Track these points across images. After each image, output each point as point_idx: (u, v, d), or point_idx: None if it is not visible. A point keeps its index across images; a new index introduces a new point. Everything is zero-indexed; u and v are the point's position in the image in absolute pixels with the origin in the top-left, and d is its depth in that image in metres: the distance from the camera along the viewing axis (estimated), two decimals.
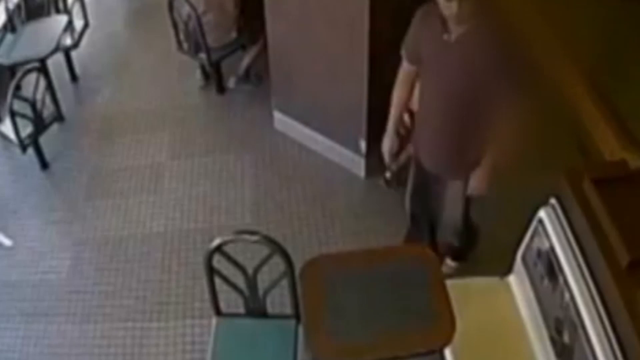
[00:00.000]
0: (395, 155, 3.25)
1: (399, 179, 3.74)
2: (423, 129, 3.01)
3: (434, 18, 2.63)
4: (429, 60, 2.77)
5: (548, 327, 2.63)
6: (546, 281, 2.63)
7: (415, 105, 3.09)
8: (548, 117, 4.25)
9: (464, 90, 2.67)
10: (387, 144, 3.12)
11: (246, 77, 4.91)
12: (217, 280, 2.79)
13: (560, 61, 4.49)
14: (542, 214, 2.64)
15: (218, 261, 2.74)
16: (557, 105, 4.33)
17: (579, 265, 2.41)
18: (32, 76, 4.31)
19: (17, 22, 5.03)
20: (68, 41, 5.05)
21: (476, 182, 2.92)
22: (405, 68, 2.95)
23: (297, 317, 2.85)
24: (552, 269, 2.56)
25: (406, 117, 3.33)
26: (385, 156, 3.18)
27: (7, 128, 4.28)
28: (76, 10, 5.16)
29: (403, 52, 2.91)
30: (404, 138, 3.24)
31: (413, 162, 3.23)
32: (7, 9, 4.95)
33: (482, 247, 3.49)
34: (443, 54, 2.67)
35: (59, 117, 4.68)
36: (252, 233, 2.77)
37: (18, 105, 4.21)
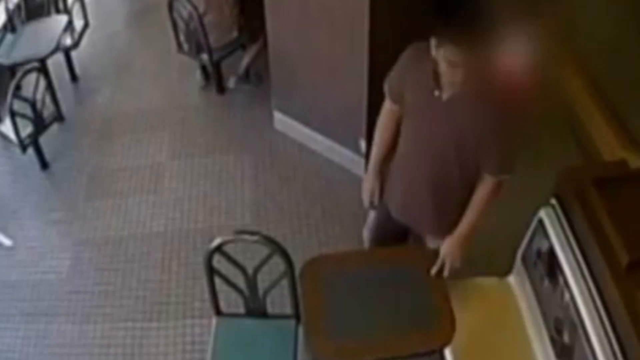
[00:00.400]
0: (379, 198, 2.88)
1: None
2: (399, 179, 2.77)
3: (425, 67, 2.41)
4: (414, 110, 2.57)
5: (548, 327, 2.63)
6: (546, 281, 2.63)
7: None
8: (548, 117, 4.26)
9: (449, 150, 2.50)
10: (367, 187, 2.84)
11: (246, 77, 4.91)
12: (217, 280, 2.79)
13: (561, 60, 4.49)
14: (542, 214, 2.64)
15: (218, 261, 2.74)
16: (558, 105, 4.33)
17: (579, 265, 2.41)
18: (32, 76, 4.30)
19: (17, 22, 5.03)
20: (68, 41, 5.05)
21: (448, 249, 2.66)
22: (388, 106, 2.73)
23: (297, 317, 2.85)
24: (552, 269, 2.56)
25: None
26: (364, 201, 2.89)
27: (7, 128, 4.28)
28: (76, 10, 5.16)
29: (386, 89, 2.70)
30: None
31: (380, 207, 2.91)
32: (7, 9, 4.96)
33: (482, 247, 3.49)
34: (431, 110, 2.47)
35: (59, 117, 4.68)
36: (252, 233, 2.77)
37: (18, 105, 4.21)
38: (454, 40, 2.21)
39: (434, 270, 2.65)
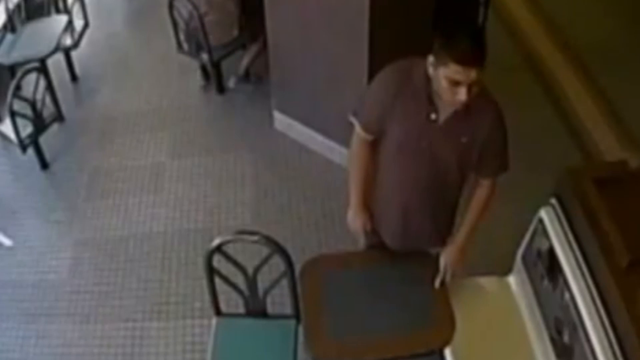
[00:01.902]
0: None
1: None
2: (391, 208, 2.61)
3: (415, 90, 2.29)
4: (407, 138, 2.38)
5: (548, 327, 2.63)
6: (546, 281, 2.63)
7: None
8: (548, 117, 4.26)
9: (451, 169, 2.42)
10: (357, 222, 2.66)
11: (246, 77, 4.91)
12: (217, 280, 2.79)
13: (561, 60, 4.50)
14: (542, 214, 2.64)
15: (218, 261, 2.74)
16: (558, 104, 4.33)
17: (579, 265, 2.41)
18: (32, 76, 4.30)
19: (17, 22, 5.03)
20: (68, 41, 5.06)
21: (450, 258, 2.62)
22: (362, 136, 2.53)
23: (297, 317, 2.84)
24: (552, 269, 2.55)
25: None
26: (358, 239, 2.80)
27: (7, 128, 4.28)
28: (76, 10, 5.17)
29: (359, 122, 2.51)
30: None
31: (372, 235, 2.77)
32: (7, 9, 4.96)
33: (482, 247, 3.49)
34: (429, 134, 2.33)
35: (59, 117, 4.68)
36: (252, 233, 2.77)
37: (18, 105, 4.21)
38: (459, 59, 2.08)
39: (437, 282, 2.63)
